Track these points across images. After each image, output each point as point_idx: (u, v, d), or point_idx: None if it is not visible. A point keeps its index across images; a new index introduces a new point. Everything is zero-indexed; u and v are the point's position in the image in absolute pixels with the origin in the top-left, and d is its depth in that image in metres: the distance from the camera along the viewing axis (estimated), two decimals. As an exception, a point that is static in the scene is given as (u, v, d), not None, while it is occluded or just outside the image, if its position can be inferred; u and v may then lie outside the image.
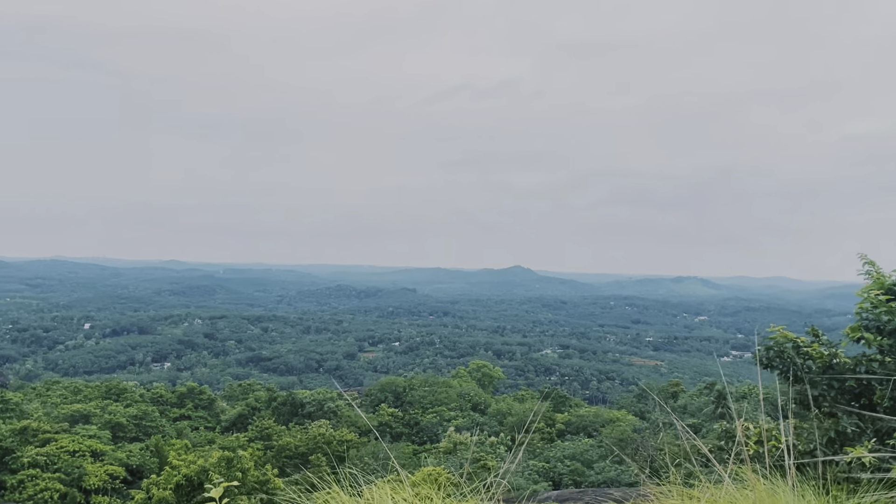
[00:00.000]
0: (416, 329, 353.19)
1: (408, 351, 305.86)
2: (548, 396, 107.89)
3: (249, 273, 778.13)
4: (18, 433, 78.03)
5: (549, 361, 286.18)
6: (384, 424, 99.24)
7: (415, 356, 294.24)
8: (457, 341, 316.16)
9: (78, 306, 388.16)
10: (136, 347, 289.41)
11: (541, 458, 69.08)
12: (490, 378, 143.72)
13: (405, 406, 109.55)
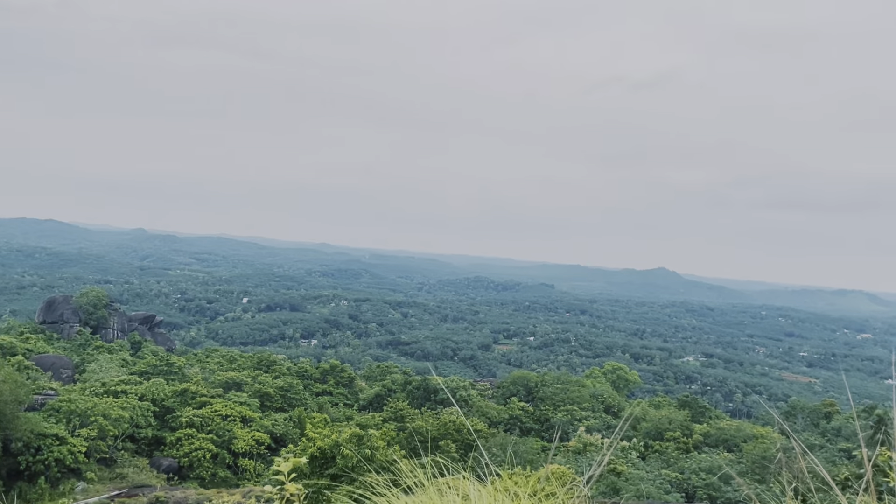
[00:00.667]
0: (552, 325, 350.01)
1: (542, 346, 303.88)
2: (686, 405, 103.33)
3: (393, 260, 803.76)
4: (179, 394, 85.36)
5: (690, 369, 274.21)
6: (514, 418, 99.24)
7: (549, 352, 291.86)
8: (593, 341, 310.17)
9: (238, 282, 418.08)
10: (287, 323, 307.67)
11: (674, 468, 66.35)
12: (625, 381, 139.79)
13: (536, 401, 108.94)
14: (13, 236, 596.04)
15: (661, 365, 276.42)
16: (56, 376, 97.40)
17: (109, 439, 71.67)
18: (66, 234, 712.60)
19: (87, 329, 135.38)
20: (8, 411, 63.95)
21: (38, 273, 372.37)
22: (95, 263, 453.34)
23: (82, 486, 66.40)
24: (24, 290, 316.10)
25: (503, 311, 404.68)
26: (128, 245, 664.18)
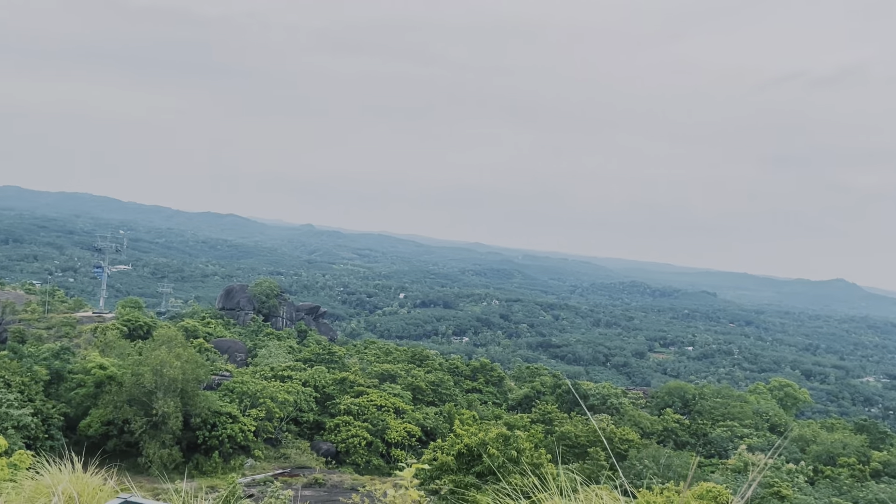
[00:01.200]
0: (713, 335, 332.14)
1: (702, 357, 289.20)
2: (864, 429, 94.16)
3: (546, 261, 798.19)
4: (339, 382, 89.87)
5: (870, 391, 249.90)
6: (668, 430, 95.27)
7: (709, 364, 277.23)
8: (759, 354, 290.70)
9: (396, 277, 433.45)
10: (440, 320, 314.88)
11: (847, 496, 60.78)
12: (794, 399, 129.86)
13: (693, 415, 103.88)
14: (199, 229, 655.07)
15: (836, 384, 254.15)
16: (231, 359, 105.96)
17: (276, 421, 76.95)
18: (244, 228, 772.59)
19: (259, 316, 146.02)
20: (189, 389, 70.44)
21: (220, 263, 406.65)
22: (269, 256, 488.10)
23: (251, 463, 71.74)
24: (207, 278, 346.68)
25: (660, 318, 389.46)
26: (298, 240, 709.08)
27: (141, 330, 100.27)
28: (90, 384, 70.13)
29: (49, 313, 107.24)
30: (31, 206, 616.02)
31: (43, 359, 73.47)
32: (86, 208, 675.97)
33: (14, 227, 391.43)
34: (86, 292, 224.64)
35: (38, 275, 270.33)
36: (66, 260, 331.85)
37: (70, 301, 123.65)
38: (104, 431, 67.31)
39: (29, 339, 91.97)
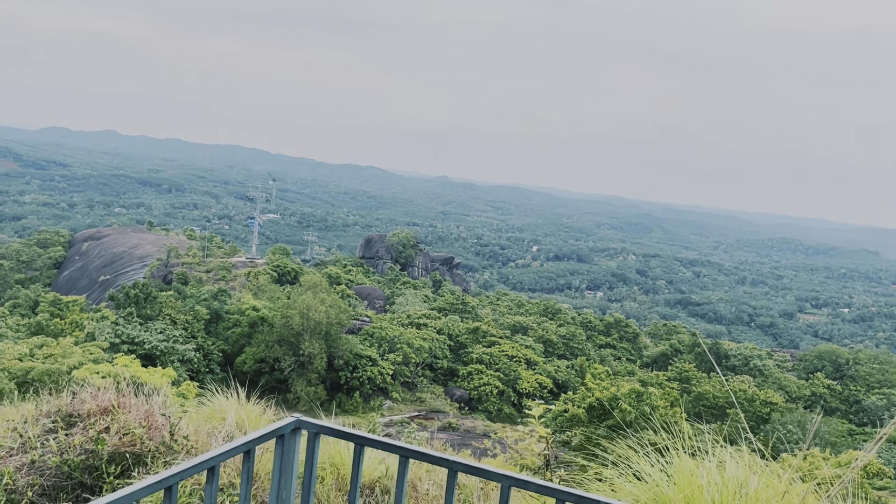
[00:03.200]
0: (874, 297, 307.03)
1: (858, 320, 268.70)
2: None
3: (687, 215, 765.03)
4: (471, 332, 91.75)
5: None
6: (817, 395, 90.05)
7: (867, 327, 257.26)
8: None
9: (529, 230, 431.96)
10: (574, 274, 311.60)
11: None
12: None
13: (845, 380, 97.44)
14: (341, 180, 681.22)
15: None
16: (370, 305, 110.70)
17: (412, 366, 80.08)
18: (383, 180, 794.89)
19: (396, 265, 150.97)
20: (333, 332, 74.55)
21: (360, 213, 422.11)
22: (405, 207, 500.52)
23: (388, 404, 75.34)
24: (348, 227, 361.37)
25: (812, 277, 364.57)
26: (433, 191, 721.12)
27: (289, 275, 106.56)
28: (245, 324, 75.87)
29: (208, 258, 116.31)
30: (190, 157, 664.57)
31: (203, 299, 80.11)
32: (239, 160, 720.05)
33: (176, 178, 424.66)
34: (239, 239, 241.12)
35: (198, 222, 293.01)
36: (221, 208, 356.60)
37: (226, 247, 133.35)
38: (257, 368, 72.86)
39: (191, 281, 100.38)
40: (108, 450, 5.79)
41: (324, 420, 3.73)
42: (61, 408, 6.51)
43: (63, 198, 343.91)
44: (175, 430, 6.18)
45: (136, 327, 65.33)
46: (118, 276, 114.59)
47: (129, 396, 6.64)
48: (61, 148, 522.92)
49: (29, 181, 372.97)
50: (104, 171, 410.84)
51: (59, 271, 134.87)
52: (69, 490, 5.68)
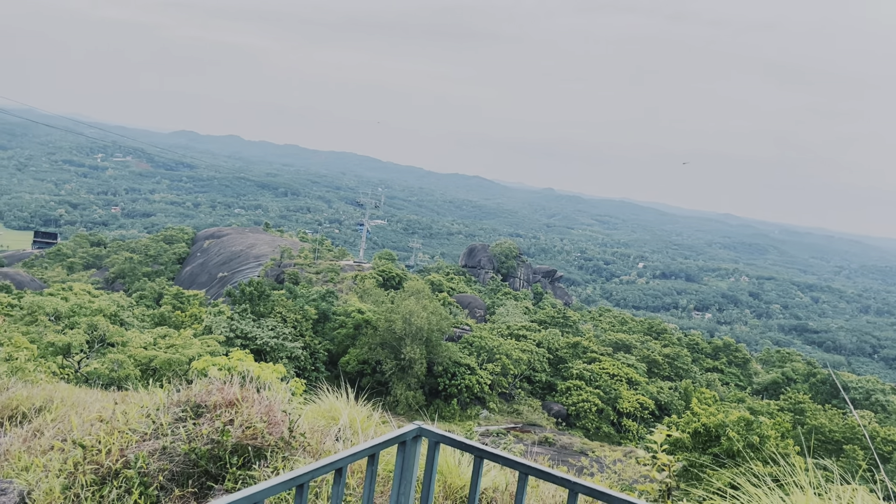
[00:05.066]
0: None
1: None
2: None
3: (807, 237, 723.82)
4: (572, 347, 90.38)
5: None
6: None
7: None
8: None
9: (635, 246, 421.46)
10: (681, 293, 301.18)
11: None
12: None
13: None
14: (447, 189, 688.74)
15: None
16: (471, 314, 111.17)
17: (510, 377, 79.78)
18: (488, 190, 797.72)
19: (498, 276, 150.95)
20: (433, 338, 75.39)
21: (464, 222, 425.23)
22: (509, 217, 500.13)
23: (485, 414, 75.33)
24: (451, 236, 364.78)
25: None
26: (537, 203, 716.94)
27: (393, 280, 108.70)
28: (350, 326, 77.98)
29: (318, 260, 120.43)
30: (306, 163, 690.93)
31: (312, 300, 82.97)
32: (351, 166, 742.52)
33: (292, 182, 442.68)
34: (348, 243, 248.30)
35: (310, 225, 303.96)
36: (333, 213, 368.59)
37: (335, 250, 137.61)
38: (360, 369, 74.67)
39: (301, 281, 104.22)
40: (232, 441, 6.13)
41: (443, 430, 3.82)
42: (190, 398, 6.95)
43: (189, 197, 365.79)
44: (294, 427, 6.47)
45: (249, 323, 68.45)
46: (235, 273, 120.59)
47: (252, 391, 7.00)
48: (189, 151, 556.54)
49: (159, 181, 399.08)
50: (227, 174, 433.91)
51: (182, 266, 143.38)
52: (196, 477, 6.04)
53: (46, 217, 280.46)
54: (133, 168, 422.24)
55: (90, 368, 33.25)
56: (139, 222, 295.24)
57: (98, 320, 38.89)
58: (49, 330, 38.36)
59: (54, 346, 33.42)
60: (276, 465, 6.00)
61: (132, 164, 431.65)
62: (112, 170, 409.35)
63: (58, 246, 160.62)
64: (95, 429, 6.90)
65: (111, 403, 7.77)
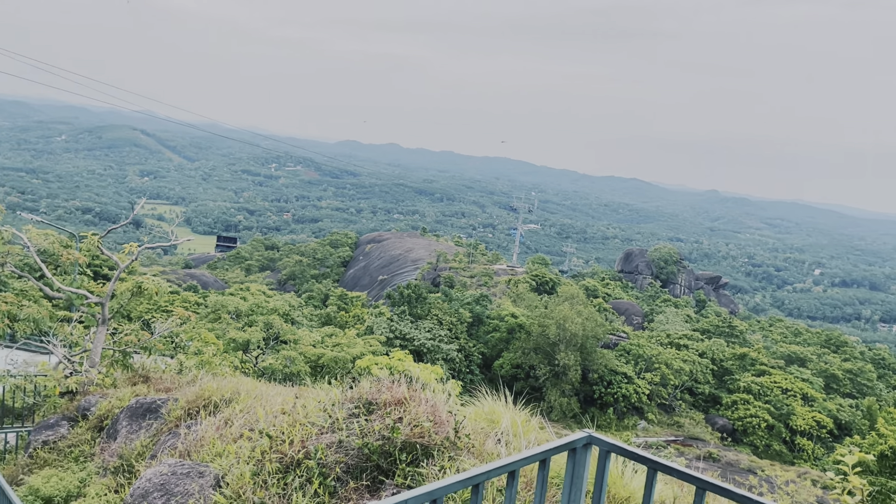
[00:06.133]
0: None
1: None
2: None
3: None
4: (738, 358, 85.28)
5: None
6: None
7: None
8: None
9: (810, 251, 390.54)
10: (864, 303, 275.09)
11: None
12: None
13: None
14: (602, 192, 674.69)
15: None
16: (628, 321, 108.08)
17: (669, 387, 76.64)
18: (646, 193, 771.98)
19: (657, 282, 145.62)
20: (588, 345, 74.09)
21: (620, 226, 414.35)
22: (669, 221, 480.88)
23: (643, 425, 72.91)
24: (607, 240, 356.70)
25: None
26: (700, 206, 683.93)
27: (547, 285, 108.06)
28: (503, 330, 78.47)
29: (472, 264, 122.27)
30: (461, 169, 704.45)
31: (466, 303, 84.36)
32: (504, 171, 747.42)
33: (447, 188, 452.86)
34: (501, 247, 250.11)
35: (465, 230, 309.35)
36: (486, 217, 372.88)
37: (489, 254, 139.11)
38: (513, 373, 74.89)
39: (456, 284, 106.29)
40: (401, 438, 6.41)
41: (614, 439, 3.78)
42: (362, 395, 7.34)
43: (352, 203, 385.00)
44: (459, 428, 6.65)
45: (407, 324, 70.84)
46: (394, 276, 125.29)
47: (418, 391, 7.28)
48: (352, 159, 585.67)
49: (325, 188, 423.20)
50: (387, 181, 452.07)
51: (346, 269, 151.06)
52: (368, 471, 6.38)
53: (227, 223, 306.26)
54: (303, 177, 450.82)
55: (266, 364, 35.89)
56: (308, 227, 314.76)
57: (273, 319, 41.86)
58: (231, 327, 41.83)
59: (235, 342, 36.38)
60: (442, 464, 6.20)
61: (302, 172, 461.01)
62: (284, 178, 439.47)
63: (237, 249, 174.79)
64: (279, 420, 7.47)
65: (291, 397, 8.39)
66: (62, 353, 16.98)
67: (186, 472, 7.05)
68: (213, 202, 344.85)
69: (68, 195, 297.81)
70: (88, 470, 10.13)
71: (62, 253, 16.92)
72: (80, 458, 11.59)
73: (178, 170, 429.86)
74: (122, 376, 15.98)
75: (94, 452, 11.42)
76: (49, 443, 13.05)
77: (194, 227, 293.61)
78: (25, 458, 13.13)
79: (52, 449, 12.70)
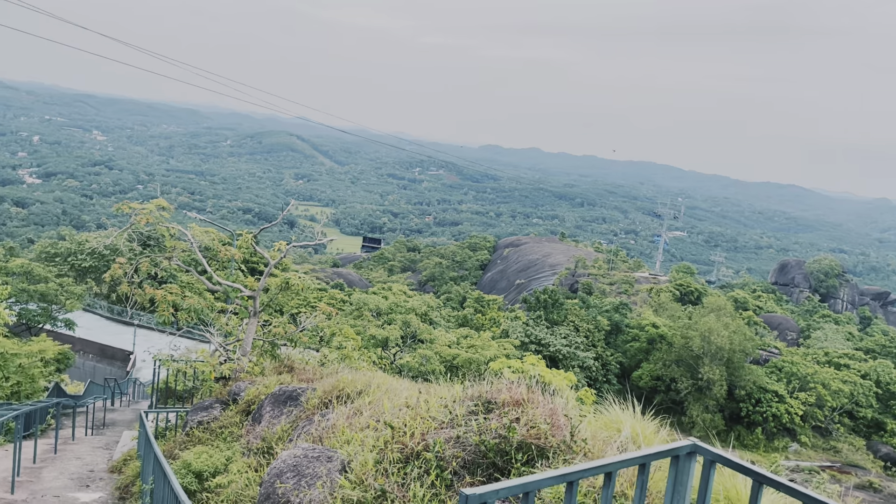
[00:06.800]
0: None
1: None
2: None
3: None
4: (909, 382, 77.55)
5: None
6: None
7: None
8: None
9: None
10: None
11: None
12: None
13: None
14: (756, 199, 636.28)
15: None
16: (781, 336, 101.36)
17: (826, 409, 71.06)
18: (805, 200, 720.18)
19: (815, 296, 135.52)
20: (735, 360, 70.23)
21: (775, 235, 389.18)
22: (831, 231, 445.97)
23: (795, 448, 68.10)
24: (760, 250, 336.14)
25: None
26: (868, 215, 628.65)
27: (692, 295, 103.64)
28: (643, 340, 76.09)
29: (612, 271, 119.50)
30: (603, 173, 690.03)
31: (605, 311, 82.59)
32: (649, 176, 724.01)
33: (588, 192, 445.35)
34: (644, 254, 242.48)
35: (605, 235, 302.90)
36: (628, 223, 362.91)
37: (630, 261, 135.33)
38: (652, 385, 72.42)
39: (595, 291, 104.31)
40: (517, 438, 6.51)
41: (720, 449, 3.68)
42: (482, 394, 7.51)
43: (492, 207, 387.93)
44: (575, 432, 6.65)
45: (542, 330, 70.44)
46: (531, 280, 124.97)
47: (537, 393, 7.34)
48: (493, 163, 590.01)
49: (466, 192, 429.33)
50: (526, 185, 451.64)
51: (483, 272, 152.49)
52: (484, 468, 6.53)
53: (373, 224, 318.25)
54: (445, 180, 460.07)
55: (403, 361, 37.04)
56: (448, 230, 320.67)
57: (411, 318, 43.13)
58: (371, 324, 43.54)
59: (375, 339, 37.86)
60: (556, 466, 6.23)
61: (444, 176, 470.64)
62: (427, 182, 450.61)
63: (381, 250, 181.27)
64: (402, 413, 7.79)
65: (416, 392, 8.71)
66: (218, 342, 18.49)
67: (317, 456, 7.53)
68: (360, 204, 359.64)
69: (231, 196, 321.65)
70: (234, 449, 11.00)
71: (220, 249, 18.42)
72: (229, 438, 12.59)
73: (330, 173, 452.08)
74: (269, 365, 17.14)
75: (241, 434, 12.38)
76: (203, 423, 14.28)
77: (342, 228, 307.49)
78: (182, 436, 14.44)
79: (206, 429, 13.88)
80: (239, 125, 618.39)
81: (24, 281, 43.21)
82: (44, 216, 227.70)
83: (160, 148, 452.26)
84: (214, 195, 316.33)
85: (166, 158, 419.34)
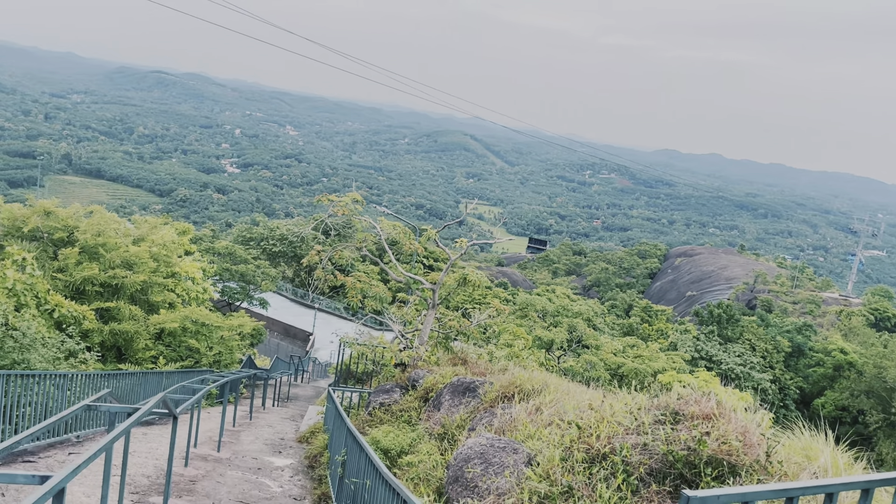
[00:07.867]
0: None
1: None
2: None
3: None
4: None
5: None
6: None
7: None
8: None
9: None
10: None
11: None
12: None
13: None
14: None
15: None
16: None
17: None
18: None
19: None
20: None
21: None
22: None
23: None
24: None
25: None
26: None
27: (888, 321, 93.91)
28: (828, 365, 70.10)
29: (796, 289, 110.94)
30: (791, 183, 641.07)
31: (786, 331, 76.94)
32: (845, 188, 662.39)
33: (773, 203, 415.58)
34: (834, 273, 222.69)
35: (790, 250, 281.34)
36: (818, 239, 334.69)
37: (817, 280, 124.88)
38: (836, 415, 66.48)
39: (775, 309, 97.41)
40: (707, 452, 6.48)
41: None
42: (669, 404, 7.51)
43: (664, 214, 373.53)
44: (771, 453, 6.49)
45: (715, 346, 67.02)
46: (704, 293, 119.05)
47: (728, 410, 7.23)
48: (669, 169, 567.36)
49: (638, 197, 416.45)
50: (704, 193, 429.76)
51: (652, 281, 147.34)
52: (671, 477, 6.57)
53: (539, 226, 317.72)
54: (615, 185, 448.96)
55: (567, 364, 36.91)
56: (616, 235, 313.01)
57: (577, 323, 42.84)
58: (537, 325, 43.73)
59: (541, 340, 38.03)
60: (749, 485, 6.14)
61: (615, 180, 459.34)
62: (597, 186, 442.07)
63: (546, 252, 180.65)
64: (586, 415, 7.98)
65: (599, 396, 8.85)
66: (398, 330, 19.57)
67: (502, 446, 7.91)
68: (528, 205, 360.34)
69: (406, 192, 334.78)
70: (418, 432, 11.71)
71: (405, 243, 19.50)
72: (409, 421, 13.38)
73: (500, 173, 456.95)
74: (443, 356, 17.93)
75: (420, 418, 13.12)
76: (385, 405, 15.25)
77: (509, 228, 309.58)
78: (365, 415, 15.51)
79: (387, 411, 14.82)
80: (417, 124, 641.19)
81: (227, 261, 47.99)
82: (240, 203, 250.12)
83: (344, 144, 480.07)
84: (390, 190, 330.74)
85: (349, 154, 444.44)
